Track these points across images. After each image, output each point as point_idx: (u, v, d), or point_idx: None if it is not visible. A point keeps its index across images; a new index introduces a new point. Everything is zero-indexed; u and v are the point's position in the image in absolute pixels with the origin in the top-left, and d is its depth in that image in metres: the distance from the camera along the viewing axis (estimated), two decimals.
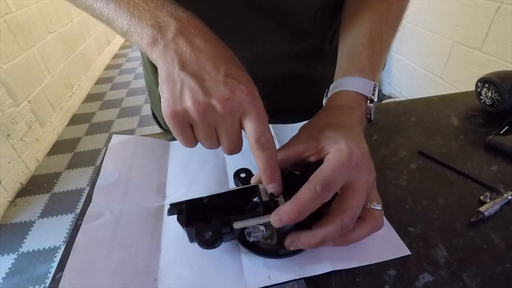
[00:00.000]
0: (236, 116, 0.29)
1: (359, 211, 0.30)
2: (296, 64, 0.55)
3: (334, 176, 0.28)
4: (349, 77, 0.38)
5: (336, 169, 0.28)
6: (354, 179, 0.30)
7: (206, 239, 0.29)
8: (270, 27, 0.49)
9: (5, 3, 1.87)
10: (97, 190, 0.41)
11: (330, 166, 0.29)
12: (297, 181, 0.31)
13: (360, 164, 0.30)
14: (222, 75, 0.28)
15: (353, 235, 0.31)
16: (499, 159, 0.44)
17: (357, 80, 0.37)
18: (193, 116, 0.28)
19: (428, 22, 1.79)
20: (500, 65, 1.41)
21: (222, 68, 0.28)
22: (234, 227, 0.30)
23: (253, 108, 0.29)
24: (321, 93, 0.42)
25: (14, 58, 1.91)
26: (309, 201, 0.28)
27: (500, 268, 0.31)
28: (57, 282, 0.32)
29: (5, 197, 1.70)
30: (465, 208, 0.37)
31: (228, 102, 0.27)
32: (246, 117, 0.29)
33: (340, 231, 0.29)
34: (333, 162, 0.29)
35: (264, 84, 0.53)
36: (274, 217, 0.29)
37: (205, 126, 0.29)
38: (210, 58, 0.28)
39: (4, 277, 1.37)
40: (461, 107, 0.55)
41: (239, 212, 0.31)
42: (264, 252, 0.32)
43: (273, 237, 0.32)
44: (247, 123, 0.29)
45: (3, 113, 1.76)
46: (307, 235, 0.30)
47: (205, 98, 0.27)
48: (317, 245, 0.30)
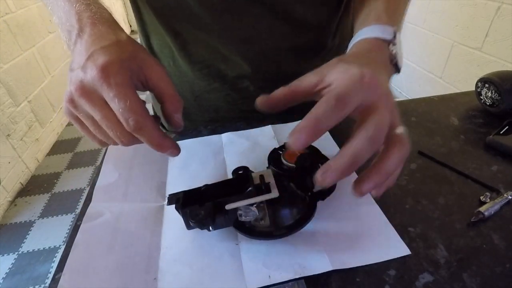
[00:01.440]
0: (93, 96, 0.27)
1: (386, 126, 0.26)
2: (298, 60, 0.55)
3: (347, 90, 0.26)
4: (365, 28, 0.36)
5: (348, 84, 0.26)
6: (372, 99, 0.26)
7: (199, 218, 0.31)
8: (271, 21, 0.49)
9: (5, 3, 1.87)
10: (97, 190, 0.41)
11: (340, 82, 0.26)
12: (292, 173, 0.35)
13: (375, 86, 0.27)
14: (84, 60, 0.28)
15: (387, 163, 0.26)
16: (499, 159, 0.44)
17: (375, 28, 0.35)
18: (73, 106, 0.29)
19: (428, 22, 1.79)
20: (500, 65, 1.41)
21: (88, 54, 0.28)
22: (226, 207, 0.31)
23: (106, 86, 0.26)
24: None
25: (14, 58, 1.91)
26: (323, 115, 0.25)
27: (500, 268, 0.31)
28: (57, 282, 0.32)
29: (5, 197, 1.70)
30: (465, 208, 0.37)
31: (79, 87, 0.27)
32: (106, 98, 0.27)
33: (368, 145, 0.25)
34: (343, 80, 0.27)
35: (266, 82, 0.53)
36: (292, 134, 0.24)
37: (84, 115, 0.29)
38: (87, 48, 0.28)
39: (4, 277, 1.37)
40: (461, 107, 0.55)
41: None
42: (259, 235, 0.34)
43: (265, 218, 0.33)
44: (110, 104, 0.27)
45: (3, 113, 1.76)
46: (335, 159, 0.25)
47: (68, 88, 0.28)
48: (350, 167, 0.25)
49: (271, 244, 0.34)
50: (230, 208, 0.32)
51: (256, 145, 0.48)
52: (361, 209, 0.37)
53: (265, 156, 0.41)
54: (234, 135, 0.51)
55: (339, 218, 0.37)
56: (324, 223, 0.36)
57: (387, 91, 0.28)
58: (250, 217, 0.32)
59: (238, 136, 0.51)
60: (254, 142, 0.49)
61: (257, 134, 0.51)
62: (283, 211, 0.34)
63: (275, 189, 0.32)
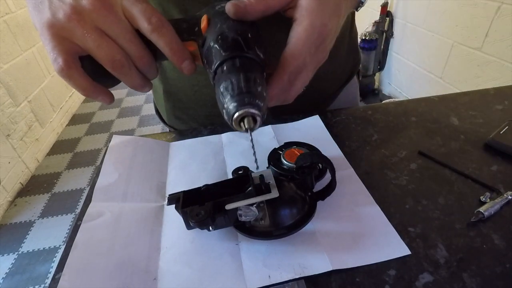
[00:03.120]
0: (84, 20, 0.27)
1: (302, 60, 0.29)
2: None
3: (298, 64, 0.28)
4: None
5: (302, 51, 0.28)
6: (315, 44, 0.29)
7: (199, 218, 0.31)
8: (272, 20, 0.49)
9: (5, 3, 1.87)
10: (97, 190, 0.41)
11: (295, 49, 0.29)
12: (292, 173, 0.36)
13: (323, 41, 0.29)
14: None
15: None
16: (499, 159, 0.44)
17: None
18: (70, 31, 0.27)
19: (428, 22, 1.79)
20: (500, 65, 1.41)
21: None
22: (226, 207, 0.31)
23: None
24: (320, 88, 0.42)
25: (14, 58, 1.91)
26: (279, 92, 0.29)
27: (500, 268, 0.31)
28: (57, 282, 0.32)
29: (5, 197, 1.70)
30: (465, 208, 0.37)
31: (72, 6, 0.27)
32: (127, 5, 0.27)
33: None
34: (298, 44, 0.29)
35: None
36: None
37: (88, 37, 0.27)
38: None
39: (4, 277, 1.37)
40: (461, 107, 0.55)
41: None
42: (259, 235, 0.34)
43: (265, 218, 0.33)
44: (130, 11, 0.27)
45: (3, 113, 1.76)
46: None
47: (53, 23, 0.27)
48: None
49: (271, 244, 0.34)
50: (230, 208, 0.32)
51: (256, 145, 0.48)
52: (361, 209, 0.37)
53: (265, 156, 0.41)
54: (234, 135, 0.51)
55: (339, 218, 0.37)
56: (324, 223, 0.36)
57: (328, 44, 0.30)
58: (250, 217, 0.32)
59: (238, 136, 0.51)
60: (254, 142, 0.49)
61: (257, 134, 0.51)
62: (283, 211, 0.34)
63: (275, 189, 0.32)
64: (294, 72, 0.29)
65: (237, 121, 0.26)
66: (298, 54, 0.28)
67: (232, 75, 0.26)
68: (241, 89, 0.25)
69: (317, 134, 0.50)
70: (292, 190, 0.35)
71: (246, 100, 0.25)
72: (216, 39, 0.28)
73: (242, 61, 0.27)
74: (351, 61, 0.63)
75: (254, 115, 0.25)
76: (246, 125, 0.26)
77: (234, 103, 0.25)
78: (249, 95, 0.25)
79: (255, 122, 0.26)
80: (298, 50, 0.28)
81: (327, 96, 0.61)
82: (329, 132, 0.50)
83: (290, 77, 0.29)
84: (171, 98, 0.60)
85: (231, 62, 0.27)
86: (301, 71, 0.29)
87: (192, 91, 0.57)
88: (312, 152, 0.40)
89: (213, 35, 0.28)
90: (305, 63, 0.29)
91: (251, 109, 0.25)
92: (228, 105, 0.26)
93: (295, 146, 0.41)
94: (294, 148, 0.41)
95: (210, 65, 0.29)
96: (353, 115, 0.55)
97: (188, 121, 0.61)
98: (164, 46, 0.29)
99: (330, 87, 0.61)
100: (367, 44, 2.14)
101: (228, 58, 0.27)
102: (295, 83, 0.30)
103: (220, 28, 0.28)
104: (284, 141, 0.43)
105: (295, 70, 0.29)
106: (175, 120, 0.63)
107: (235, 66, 0.27)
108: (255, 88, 0.26)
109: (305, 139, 0.43)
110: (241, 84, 0.26)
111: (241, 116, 0.25)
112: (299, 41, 0.28)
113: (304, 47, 0.28)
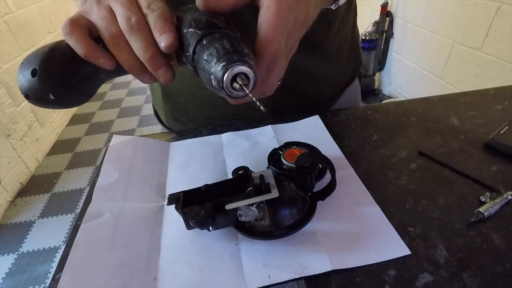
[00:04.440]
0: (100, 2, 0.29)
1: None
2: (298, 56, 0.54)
3: (275, 52, 0.28)
4: None
5: (275, 35, 0.27)
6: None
7: (199, 218, 0.31)
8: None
9: (5, 3, 1.87)
10: (97, 190, 0.41)
11: (268, 33, 0.27)
12: (292, 173, 0.36)
13: (292, 26, 0.29)
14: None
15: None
16: (499, 159, 0.44)
17: None
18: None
19: (428, 22, 1.79)
20: (500, 65, 1.41)
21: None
22: (226, 207, 0.31)
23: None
24: (321, 91, 0.42)
25: (14, 58, 1.91)
26: (263, 78, 0.28)
27: (500, 268, 0.31)
28: (57, 282, 0.32)
29: (5, 197, 1.70)
30: (465, 208, 0.37)
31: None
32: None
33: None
34: (270, 28, 0.27)
35: None
36: None
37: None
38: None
39: (4, 277, 1.37)
40: (461, 107, 0.55)
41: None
42: (259, 235, 0.34)
43: (265, 218, 0.33)
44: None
45: (3, 113, 1.76)
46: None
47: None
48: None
49: (271, 244, 0.34)
50: (230, 208, 0.32)
51: (256, 145, 0.48)
52: (361, 209, 0.37)
53: (265, 156, 0.41)
54: (234, 135, 0.51)
55: (339, 218, 0.37)
56: (324, 223, 0.36)
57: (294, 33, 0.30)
58: (250, 217, 0.32)
59: (238, 136, 0.51)
60: (254, 142, 0.49)
61: (257, 134, 0.51)
62: (283, 211, 0.34)
63: (275, 189, 0.32)
64: (272, 59, 0.28)
65: (228, 82, 0.23)
66: (273, 39, 0.27)
67: (214, 43, 0.24)
68: (227, 50, 0.23)
69: (317, 134, 0.50)
70: (292, 190, 0.35)
71: (235, 58, 0.23)
72: (189, 25, 0.26)
73: (221, 33, 0.25)
74: (353, 63, 0.62)
75: (246, 73, 0.23)
76: (239, 81, 0.23)
77: (222, 63, 0.23)
78: (237, 54, 0.23)
79: (248, 81, 0.24)
80: (272, 35, 0.27)
81: (329, 99, 0.61)
82: (329, 132, 0.50)
83: (269, 65, 0.28)
84: (169, 100, 0.60)
85: (210, 37, 0.25)
86: (278, 57, 0.28)
87: (190, 92, 0.57)
88: (312, 152, 0.40)
89: (186, 24, 0.27)
90: (281, 48, 0.28)
91: (242, 66, 0.23)
92: (215, 68, 0.23)
93: (295, 146, 0.41)
94: (294, 148, 0.41)
95: (187, 48, 0.26)
96: (353, 115, 0.55)
97: (187, 123, 0.61)
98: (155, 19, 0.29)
99: (331, 89, 0.60)
100: (367, 44, 2.14)
101: (206, 34, 0.25)
102: (272, 73, 0.29)
103: (191, 17, 0.27)
104: (284, 141, 0.43)
105: (273, 56, 0.28)
106: (174, 123, 0.63)
107: (215, 37, 0.24)
108: (241, 49, 0.24)
109: (305, 139, 0.43)
110: (227, 46, 0.23)
111: (232, 75, 0.23)
112: (271, 25, 0.27)
113: (277, 31, 0.27)
